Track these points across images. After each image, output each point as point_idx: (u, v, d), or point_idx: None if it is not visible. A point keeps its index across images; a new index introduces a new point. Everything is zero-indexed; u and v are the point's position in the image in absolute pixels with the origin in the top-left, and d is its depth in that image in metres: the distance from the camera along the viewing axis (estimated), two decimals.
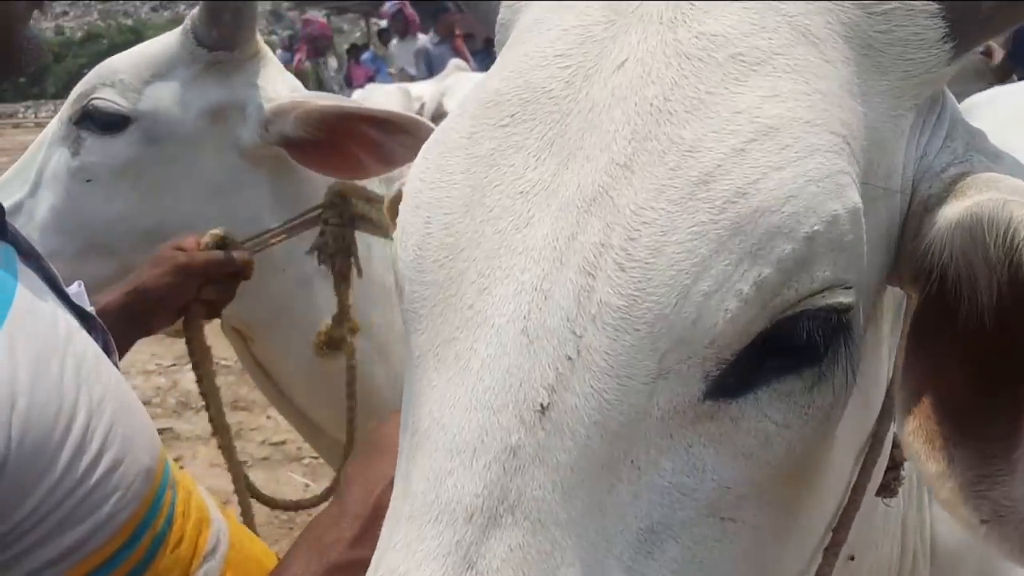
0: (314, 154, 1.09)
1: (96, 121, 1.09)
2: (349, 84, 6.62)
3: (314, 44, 7.24)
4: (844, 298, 0.42)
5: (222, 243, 0.99)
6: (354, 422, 1.17)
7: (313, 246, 1.14)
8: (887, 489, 0.58)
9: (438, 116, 3.73)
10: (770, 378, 0.42)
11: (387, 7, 6.65)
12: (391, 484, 0.56)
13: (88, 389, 0.60)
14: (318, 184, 1.17)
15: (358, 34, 11.29)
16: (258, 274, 1.05)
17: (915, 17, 0.46)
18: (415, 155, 0.53)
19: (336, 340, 1.14)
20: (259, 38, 1.18)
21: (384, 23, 7.98)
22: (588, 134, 0.44)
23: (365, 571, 0.54)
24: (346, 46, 7.98)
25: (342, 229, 1.13)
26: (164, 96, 1.12)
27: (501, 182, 0.45)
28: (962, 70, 0.49)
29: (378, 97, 4.07)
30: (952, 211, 0.46)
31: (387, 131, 1.07)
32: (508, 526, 0.39)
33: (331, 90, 6.70)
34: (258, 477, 3.38)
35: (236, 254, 1.00)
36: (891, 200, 0.47)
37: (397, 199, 0.56)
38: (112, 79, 1.11)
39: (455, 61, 5.17)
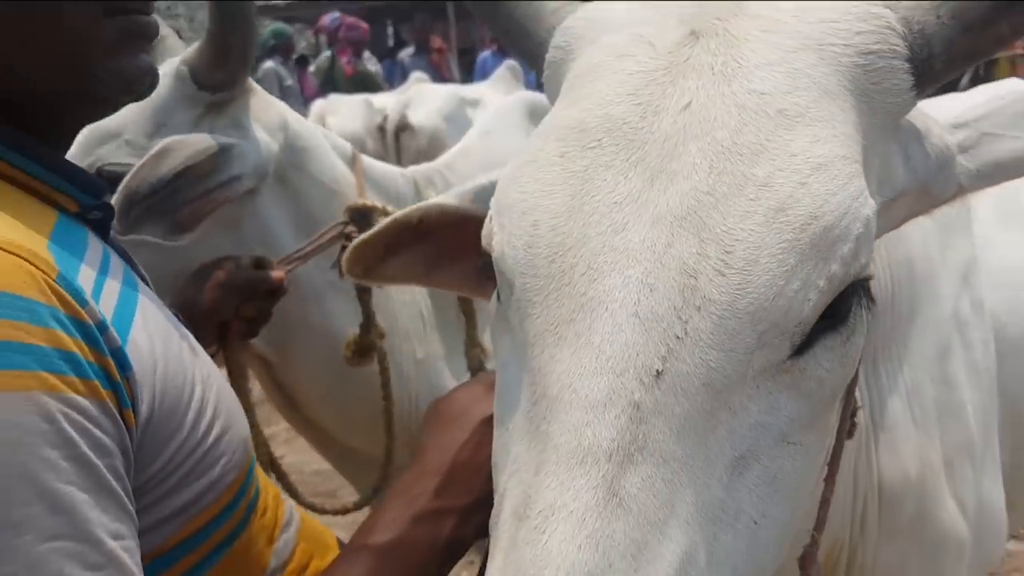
0: None
1: (114, 185, 1.05)
2: (302, 93, 6.61)
3: (357, 47, 7.11)
4: (869, 273, 0.59)
5: (260, 263, 1.04)
6: (392, 421, 1.22)
7: (337, 259, 1.19)
8: (850, 431, 0.74)
9: (401, 127, 3.79)
10: (820, 338, 0.57)
11: (327, 20, 6.66)
12: (463, 446, 0.70)
13: (199, 365, 0.67)
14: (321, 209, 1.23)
15: (303, 44, 11.17)
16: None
17: (896, 73, 0.63)
18: None
19: (366, 347, 1.20)
20: None
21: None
22: (668, 161, 0.57)
23: (448, 518, 0.64)
24: (295, 56, 7.95)
25: None
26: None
27: (597, 193, 0.57)
28: None
29: (342, 108, 4.11)
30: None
31: None
32: (639, 463, 0.51)
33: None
34: None
35: (272, 272, 1.05)
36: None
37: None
38: (115, 141, 1.11)
39: (416, 74, 5.26)
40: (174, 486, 0.61)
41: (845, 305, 0.57)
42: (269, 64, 7.34)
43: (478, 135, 1.55)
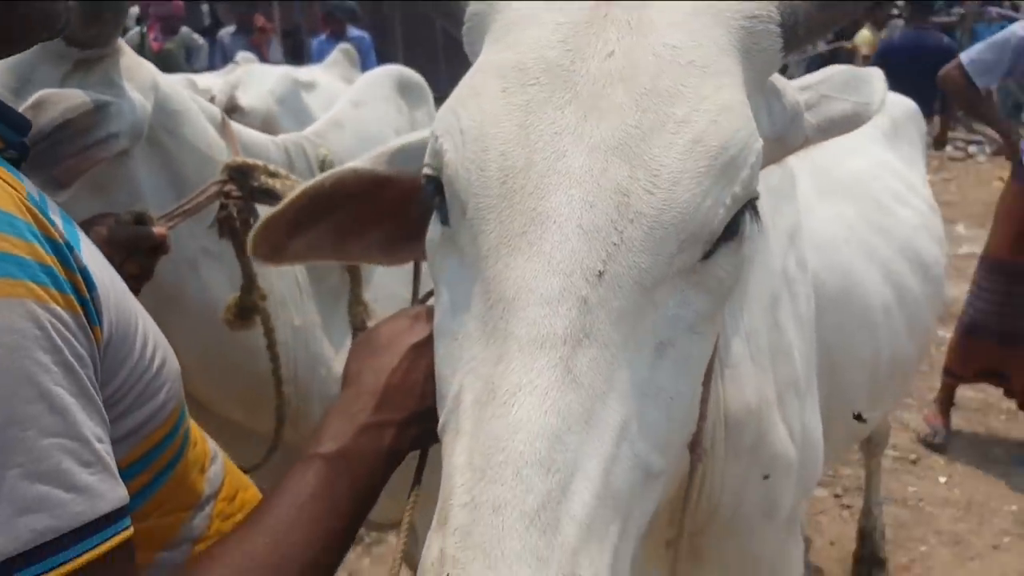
0: None
1: None
2: None
3: (167, 24, 6.69)
4: (756, 193, 0.70)
5: (140, 219, 1.02)
6: (281, 381, 1.23)
7: (216, 218, 1.18)
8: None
9: (231, 108, 3.66)
10: (722, 246, 0.68)
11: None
12: (395, 370, 0.77)
13: (133, 300, 0.68)
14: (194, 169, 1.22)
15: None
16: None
17: (771, 36, 0.74)
18: None
19: (248, 309, 1.20)
20: None
21: None
22: (598, 100, 0.66)
23: (387, 430, 0.71)
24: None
25: (245, 201, 1.19)
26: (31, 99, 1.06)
27: (539, 124, 0.65)
28: None
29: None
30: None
31: None
32: (587, 347, 0.61)
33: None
34: None
35: (154, 228, 1.04)
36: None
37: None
38: None
39: (243, 54, 5.07)
40: (127, 408, 0.63)
41: (741, 219, 0.69)
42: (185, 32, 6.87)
43: (350, 105, 1.57)
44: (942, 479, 3.27)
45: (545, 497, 0.56)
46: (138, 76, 1.16)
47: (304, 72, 3.83)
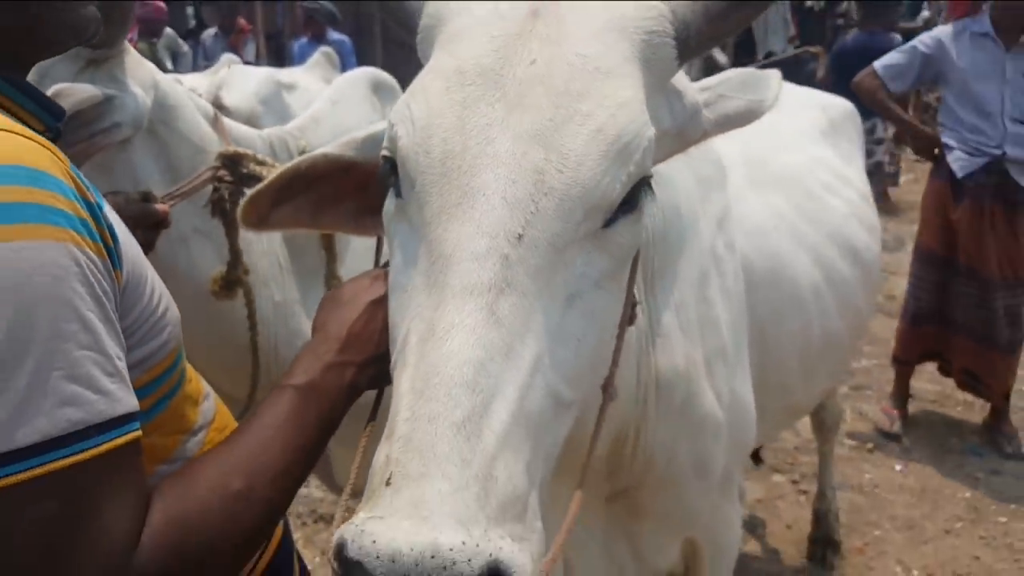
0: None
1: None
2: None
3: (148, 26, 6.82)
4: (650, 173, 0.85)
5: (146, 197, 1.17)
6: (257, 349, 1.37)
7: (209, 199, 1.33)
8: (632, 319, 0.98)
9: (216, 107, 3.78)
10: (621, 216, 0.82)
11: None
12: (356, 320, 0.91)
13: (144, 257, 0.82)
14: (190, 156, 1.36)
15: None
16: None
17: (667, 47, 0.89)
18: None
19: (233, 282, 1.35)
20: None
21: None
22: (521, 98, 0.81)
23: (349, 369, 0.85)
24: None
25: (235, 185, 1.34)
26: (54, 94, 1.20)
27: (473, 117, 0.80)
28: None
29: None
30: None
31: None
32: (508, 294, 0.74)
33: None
34: None
35: (158, 205, 1.18)
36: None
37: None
38: None
39: (227, 55, 5.21)
40: (137, 341, 0.77)
41: (638, 194, 0.83)
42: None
43: (328, 103, 1.72)
44: (898, 467, 3.42)
45: (470, 411, 0.69)
46: (140, 74, 1.30)
47: (285, 74, 3.93)
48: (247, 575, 0.90)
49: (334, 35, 7.20)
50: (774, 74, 1.04)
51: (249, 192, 1.07)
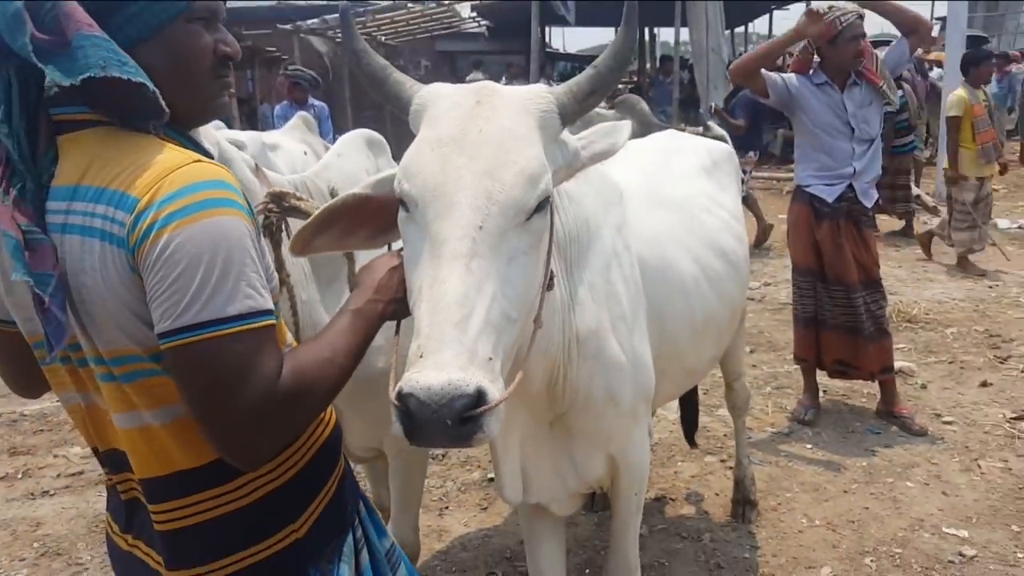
0: None
1: None
2: None
3: None
4: (550, 192, 1.35)
5: None
6: (299, 333, 1.93)
7: (263, 224, 1.90)
8: (549, 284, 1.47)
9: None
10: (534, 214, 1.32)
11: None
12: (382, 278, 1.39)
13: None
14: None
15: None
16: None
17: (555, 119, 1.40)
18: None
19: (280, 282, 1.91)
20: None
21: None
22: (476, 151, 1.29)
23: (379, 304, 1.37)
24: None
25: (280, 215, 1.91)
26: None
27: (449, 165, 1.31)
28: None
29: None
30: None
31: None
32: (476, 259, 1.22)
33: None
34: (64, 501, 3.73)
35: None
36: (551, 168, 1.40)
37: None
38: None
39: (214, 121, 5.76)
40: (267, 277, 1.20)
41: (544, 204, 1.31)
42: None
43: (335, 155, 2.31)
44: (808, 446, 4.00)
45: (460, 317, 1.17)
46: (208, 135, 1.89)
47: (268, 136, 4.39)
48: (315, 442, 1.45)
49: (315, 101, 7.87)
50: (625, 124, 1.60)
51: (298, 228, 1.50)
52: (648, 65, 19.72)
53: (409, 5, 12.82)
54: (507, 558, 3.19)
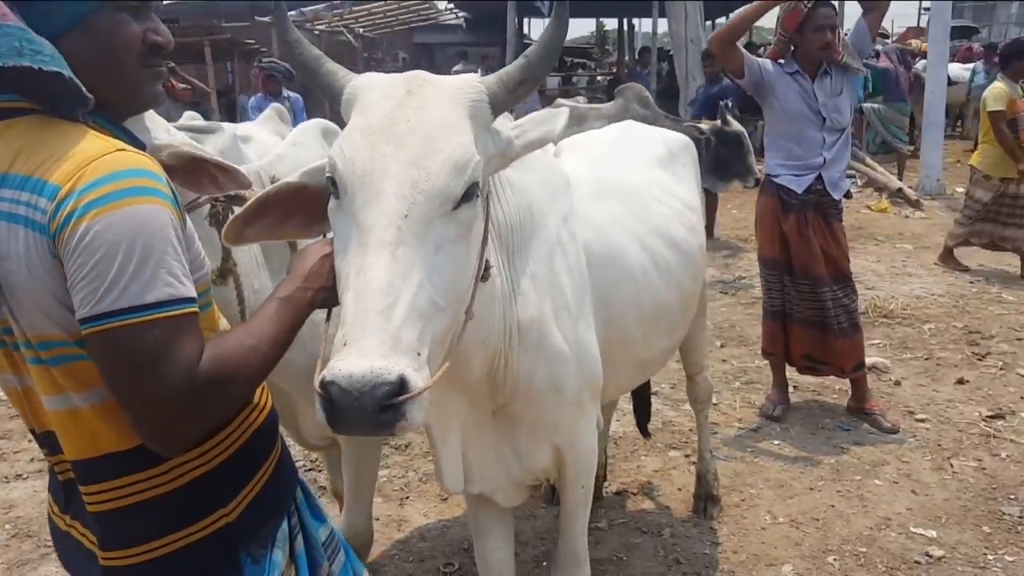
0: (177, 174, 1.79)
1: None
2: None
3: None
4: (478, 180, 1.36)
5: None
6: (245, 319, 1.97)
7: (209, 214, 1.94)
8: (484, 274, 1.52)
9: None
10: (462, 203, 1.33)
11: None
12: (312, 266, 1.40)
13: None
14: None
15: None
16: None
17: (485, 108, 1.42)
18: (231, 184, 1.67)
19: (225, 271, 1.95)
20: None
21: None
22: (403, 141, 1.33)
23: (309, 291, 1.38)
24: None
25: (226, 204, 1.95)
26: None
27: (377, 152, 1.33)
28: None
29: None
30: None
31: (222, 171, 1.80)
32: (401, 247, 1.24)
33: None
34: (36, 485, 3.76)
35: None
36: (483, 156, 1.41)
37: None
38: None
39: (189, 113, 5.82)
40: (195, 265, 1.25)
41: (472, 192, 1.33)
42: None
43: (290, 145, 2.35)
44: (776, 442, 4.03)
45: (384, 305, 1.19)
46: (158, 124, 1.93)
47: (240, 127, 4.44)
48: (248, 428, 1.49)
49: (289, 92, 7.94)
50: (562, 112, 1.62)
51: (232, 216, 1.54)
52: (627, 57, 19.80)
53: None
54: (464, 549, 3.22)
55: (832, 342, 4.08)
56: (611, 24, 23.45)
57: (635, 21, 21.87)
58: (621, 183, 2.41)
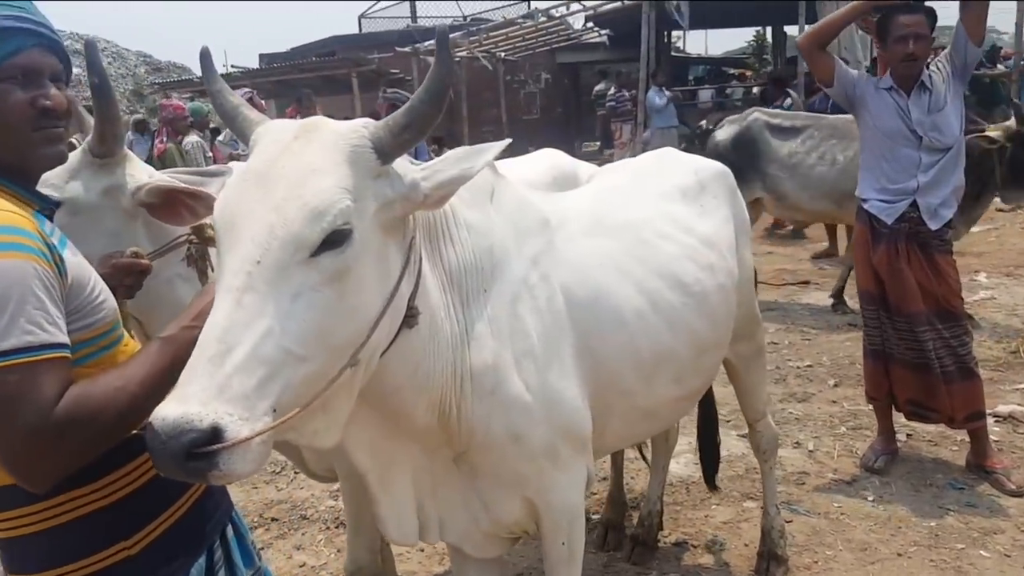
0: (158, 210, 1.98)
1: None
2: (214, 160, 7.54)
3: (172, 126, 8.11)
4: (346, 227, 1.33)
5: (136, 255, 1.89)
6: None
7: (186, 254, 2.06)
8: (409, 321, 1.54)
9: None
10: (324, 250, 1.30)
11: (241, 94, 7.58)
12: (206, 305, 1.41)
13: (96, 276, 1.44)
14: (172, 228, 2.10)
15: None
16: (145, 280, 1.95)
17: (368, 153, 1.41)
18: (204, 210, 1.71)
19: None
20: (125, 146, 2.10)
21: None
22: (272, 187, 1.35)
23: (196, 330, 1.37)
24: (212, 125, 8.87)
25: (202, 246, 2.06)
26: (77, 186, 2.00)
27: (246, 195, 1.38)
28: None
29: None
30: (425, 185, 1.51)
31: (193, 198, 1.93)
32: (249, 293, 1.25)
33: (196, 163, 7.56)
34: None
35: (142, 260, 1.89)
36: (371, 203, 1.41)
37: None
38: (45, 181, 1.88)
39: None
40: (84, 313, 1.38)
41: (338, 238, 1.31)
42: (193, 138, 8.27)
43: None
44: (870, 497, 3.68)
45: (215, 352, 1.20)
46: (136, 167, 2.08)
47: None
48: (150, 468, 1.53)
49: None
50: (488, 147, 1.57)
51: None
52: (779, 66, 19.03)
53: (520, 21, 13.07)
54: None
55: (937, 387, 3.70)
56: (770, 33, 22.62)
57: (785, 28, 21.03)
58: (622, 218, 2.31)
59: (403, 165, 1.54)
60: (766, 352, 3.15)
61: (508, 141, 1.72)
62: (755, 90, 18.04)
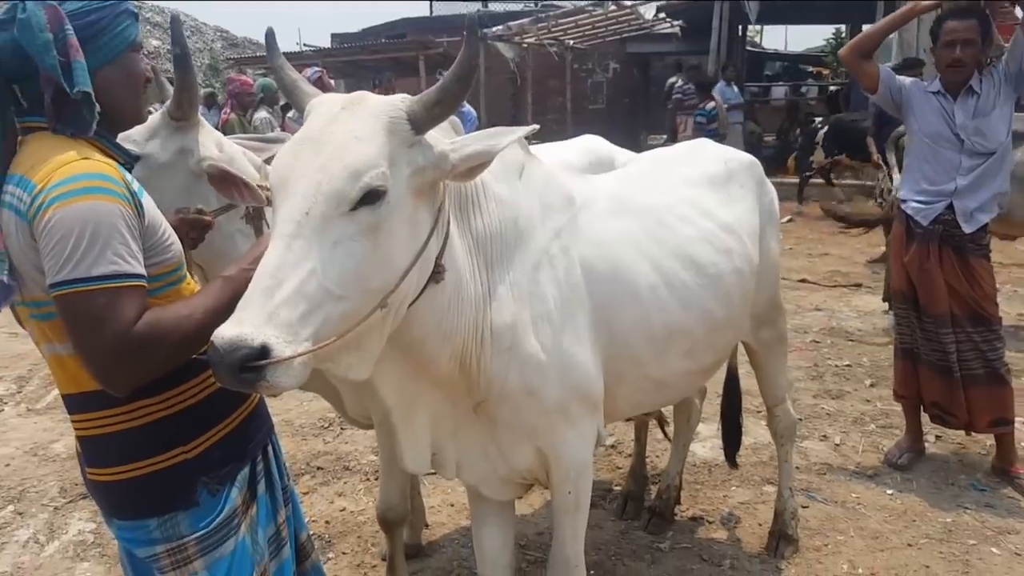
0: (216, 183, 2.27)
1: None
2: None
3: (238, 99, 8.53)
4: (381, 188, 1.54)
5: (200, 212, 2.18)
6: None
7: (245, 212, 2.35)
8: (436, 276, 1.76)
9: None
10: (360, 206, 1.51)
11: (309, 73, 7.93)
12: (262, 250, 1.67)
13: (167, 223, 1.75)
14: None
15: None
16: (208, 234, 2.24)
17: (404, 125, 1.61)
18: (250, 198, 2.13)
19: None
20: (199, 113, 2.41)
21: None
22: (321, 150, 1.59)
23: (252, 271, 1.66)
24: (283, 102, 9.26)
25: (259, 206, 2.36)
26: (155, 145, 2.31)
27: (299, 159, 1.63)
28: None
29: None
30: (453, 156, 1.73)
31: (246, 186, 2.25)
32: (298, 239, 1.45)
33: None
34: None
35: (205, 216, 2.18)
36: (405, 169, 1.63)
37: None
38: (127, 137, 2.21)
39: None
40: (157, 251, 1.65)
41: (372, 196, 1.50)
42: (263, 114, 8.64)
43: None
44: (889, 491, 3.80)
45: (267, 285, 1.40)
46: (207, 138, 2.37)
47: None
48: (209, 386, 1.81)
49: (464, 107, 8.60)
50: (514, 130, 1.79)
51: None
52: None
53: (590, 9, 13.18)
54: (520, 544, 3.42)
55: (955, 392, 3.80)
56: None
57: (863, 27, 20.64)
58: (646, 201, 2.51)
59: (435, 138, 1.78)
60: (787, 340, 3.31)
61: (535, 127, 1.94)
62: (831, 88, 17.79)
